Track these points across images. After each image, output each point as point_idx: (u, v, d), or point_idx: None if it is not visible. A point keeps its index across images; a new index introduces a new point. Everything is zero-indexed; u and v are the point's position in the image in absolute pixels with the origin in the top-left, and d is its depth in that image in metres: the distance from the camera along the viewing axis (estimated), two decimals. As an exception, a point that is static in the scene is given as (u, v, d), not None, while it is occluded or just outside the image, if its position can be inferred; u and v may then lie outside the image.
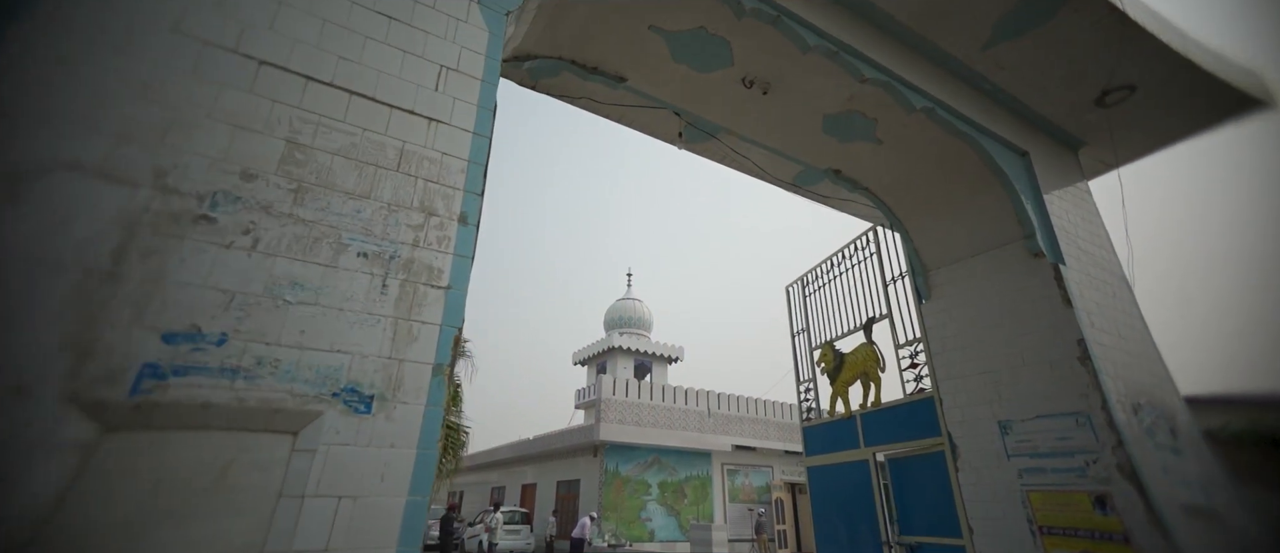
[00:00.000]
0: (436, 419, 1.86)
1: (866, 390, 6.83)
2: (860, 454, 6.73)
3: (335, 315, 1.76)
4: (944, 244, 5.73)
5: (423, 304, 1.96)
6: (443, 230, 2.09)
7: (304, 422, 1.61)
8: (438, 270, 2.04)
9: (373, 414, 1.74)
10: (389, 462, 1.73)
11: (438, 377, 1.91)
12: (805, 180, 6.41)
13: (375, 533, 1.62)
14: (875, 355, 6.77)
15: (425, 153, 2.14)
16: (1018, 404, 4.70)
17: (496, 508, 15.57)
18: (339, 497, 1.59)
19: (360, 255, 1.88)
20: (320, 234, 1.81)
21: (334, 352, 1.73)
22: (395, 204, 2.02)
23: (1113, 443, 3.69)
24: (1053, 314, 4.51)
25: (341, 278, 1.82)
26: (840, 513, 6.96)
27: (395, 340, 1.87)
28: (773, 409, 22.20)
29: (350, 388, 1.72)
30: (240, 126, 1.72)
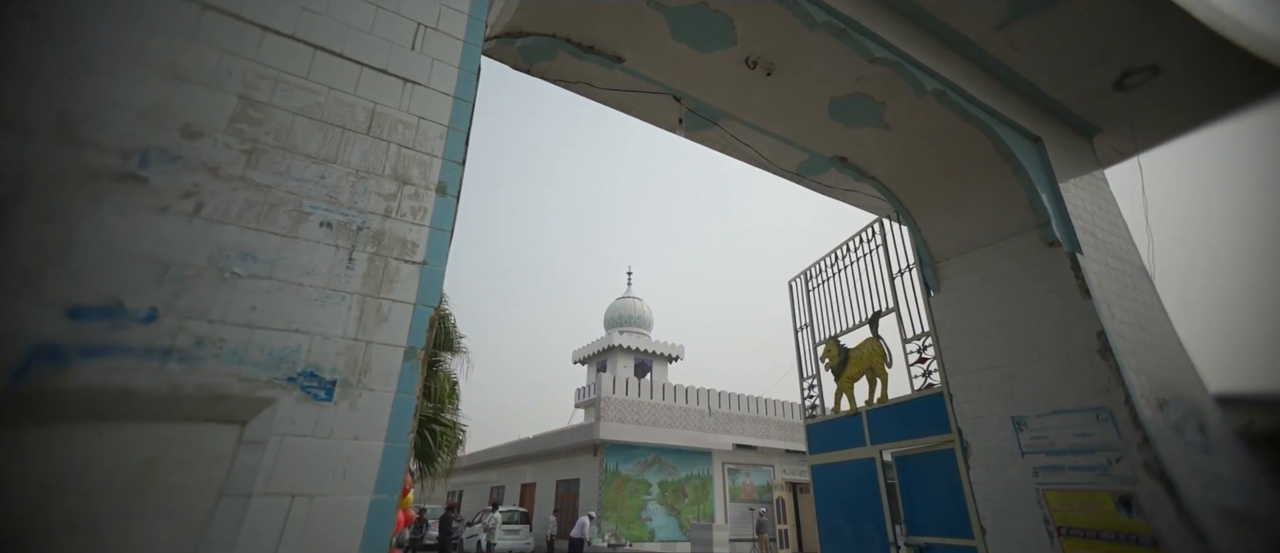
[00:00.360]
0: (407, 409, 1.66)
1: (872, 387, 6.63)
2: (866, 452, 6.54)
3: (293, 291, 1.56)
4: (953, 234, 5.53)
5: (394, 281, 1.77)
6: (418, 201, 1.89)
7: (254, 410, 1.41)
8: (412, 244, 1.84)
9: (335, 402, 1.54)
10: (352, 456, 1.53)
11: (410, 361, 1.71)
12: (810, 170, 6.21)
13: (334, 536, 1.42)
14: (881, 350, 6.57)
15: (399, 116, 1.94)
16: (1032, 399, 4.50)
17: (495, 507, 15.38)
18: (292, 495, 1.39)
19: (324, 226, 1.68)
20: (278, 201, 1.61)
21: (291, 332, 1.53)
22: (365, 171, 1.82)
23: (1138, 441, 3.49)
24: (1070, 305, 4.30)
25: (302, 250, 1.62)
26: (845, 513, 6.76)
27: (362, 320, 1.67)
28: (774, 408, 22.01)
29: (309, 373, 1.52)
30: (180, 77, 1.52)
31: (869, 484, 6.43)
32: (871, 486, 6.38)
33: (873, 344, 6.69)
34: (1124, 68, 4.42)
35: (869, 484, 6.43)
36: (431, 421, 7.97)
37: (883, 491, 6.21)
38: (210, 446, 1.31)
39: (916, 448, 5.91)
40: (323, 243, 1.66)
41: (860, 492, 6.55)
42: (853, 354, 7.00)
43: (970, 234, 5.35)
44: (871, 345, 6.70)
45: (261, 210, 1.56)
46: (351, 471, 1.51)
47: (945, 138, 5.01)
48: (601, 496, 17.35)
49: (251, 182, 1.57)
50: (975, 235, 5.31)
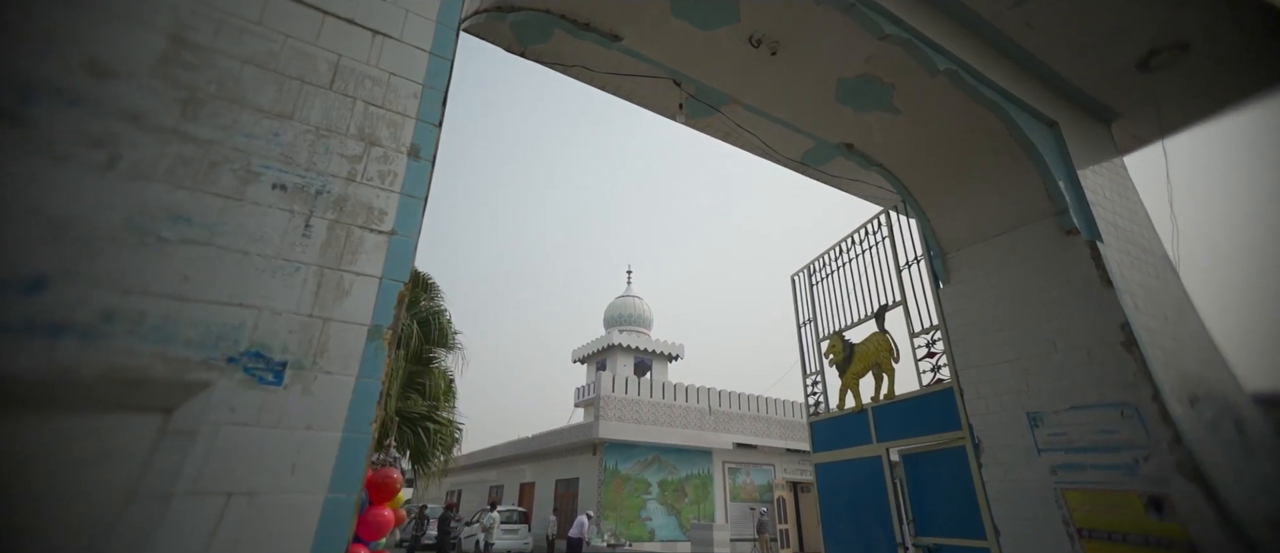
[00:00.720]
0: (370, 395, 1.46)
1: (879, 382, 6.42)
2: (872, 450, 6.33)
3: (237, 260, 1.36)
4: (964, 223, 5.32)
5: (358, 251, 1.56)
6: (387, 164, 1.69)
7: (182, 396, 1.21)
8: (379, 211, 1.63)
9: (285, 386, 1.34)
10: (304, 447, 1.33)
11: (375, 342, 1.51)
12: (815, 159, 6.01)
13: (279, 541, 1.22)
14: (888, 345, 6.37)
15: (367, 71, 1.74)
16: (1049, 395, 4.29)
17: (493, 507, 15.18)
18: (229, 494, 1.19)
19: (277, 188, 1.47)
20: (221, 158, 1.41)
21: (233, 306, 1.32)
22: (326, 129, 1.61)
23: (1168, 439, 3.27)
24: (1090, 296, 4.10)
25: (249, 213, 1.42)
26: (851, 513, 6.56)
27: (320, 295, 1.46)
28: (774, 407, 21.81)
29: (254, 352, 1.32)
30: (81, 4, 1.30)
31: (875, 483, 6.23)
32: (878, 484, 6.18)
33: (879, 339, 6.49)
34: (1150, 46, 4.20)
35: (875, 483, 6.23)
36: (426, 419, 7.78)
37: (890, 489, 6.01)
38: (117, 439, 1.10)
39: (925, 446, 5.71)
40: (275, 207, 1.45)
41: (866, 491, 6.35)
42: (858, 350, 6.79)
43: (982, 223, 5.15)
44: (878, 340, 6.50)
45: (200, 168, 1.36)
46: (303, 464, 1.31)
47: (956, 122, 4.80)
48: (601, 495, 17.15)
49: (187, 135, 1.36)
50: (987, 225, 5.10)
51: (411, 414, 7.67)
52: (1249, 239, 7.10)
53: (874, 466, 6.30)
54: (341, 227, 1.56)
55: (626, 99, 5.41)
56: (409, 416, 7.65)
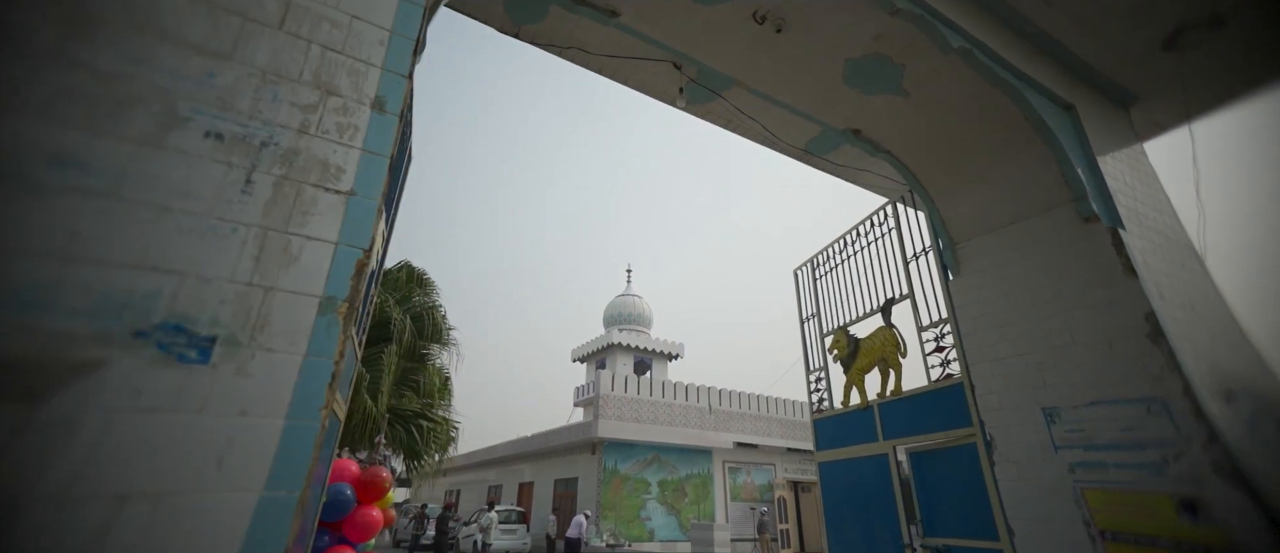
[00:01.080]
0: (321, 376, 1.24)
1: (885, 378, 6.21)
2: (878, 448, 6.12)
3: (154, 216, 1.14)
4: (975, 212, 5.11)
5: (310, 213, 1.35)
6: (347, 116, 1.47)
7: (56, 379, 0.99)
8: (336, 168, 1.42)
9: (212, 365, 1.13)
10: (235, 438, 1.11)
11: (327, 316, 1.29)
12: (820, 146, 5.79)
13: (196, 550, 1.00)
14: (895, 339, 6.15)
15: (325, 12, 1.52)
16: (1067, 389, 4.07)
17: (491, 507, 14.96)
18: (123, 497, 0.97)
19: (210, 136, 1.26)
20: (134, 96, 1.19)
21: (145, 269, 1.11)
22: (274, 74, 1.40)
23: (1203, 437, 3.05)
24: (1111, 285, 3.88)
25: (173, 163, 1.20)
26: (856, 512, 6.35)
27: (262, 260, 1.25)
28: (775, 406, 21.59)
29: (173, 325, 1.10)
30: None
31: (881, 482, 6.02)
32: (884, 483, 5.97)
33: (885, 333, 6.27)
34: (1178, 23, 3.97)
35: (881, 482, 6.02)
36: (419, 416, 7.56)
37: (897, 488, 5.80)
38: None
39: (934, 443, 5.49)
40: (208, 158, 1.24)
41: (872, 490, 6.14)
42: (863, 344, 6.58)
43: (994, 212, 4.93)
44: (884, 335, 6.29)
45: (103, 106, 1.14)
46: (233, 458, 1.10)
47: (968, 106, 4.59)
48: (600, 495, 16.93)
49: (82, 64, 1.14)
50: (999, 213, 4.88)
51: (404, 412, 7.46)
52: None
53: (880, 463, 6.09)
54: (291, 184, 1.34)
55: (625, 83, 5.20)
56: (402, 413, 7.43)
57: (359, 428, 6.51)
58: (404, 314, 7.56)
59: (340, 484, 4.95)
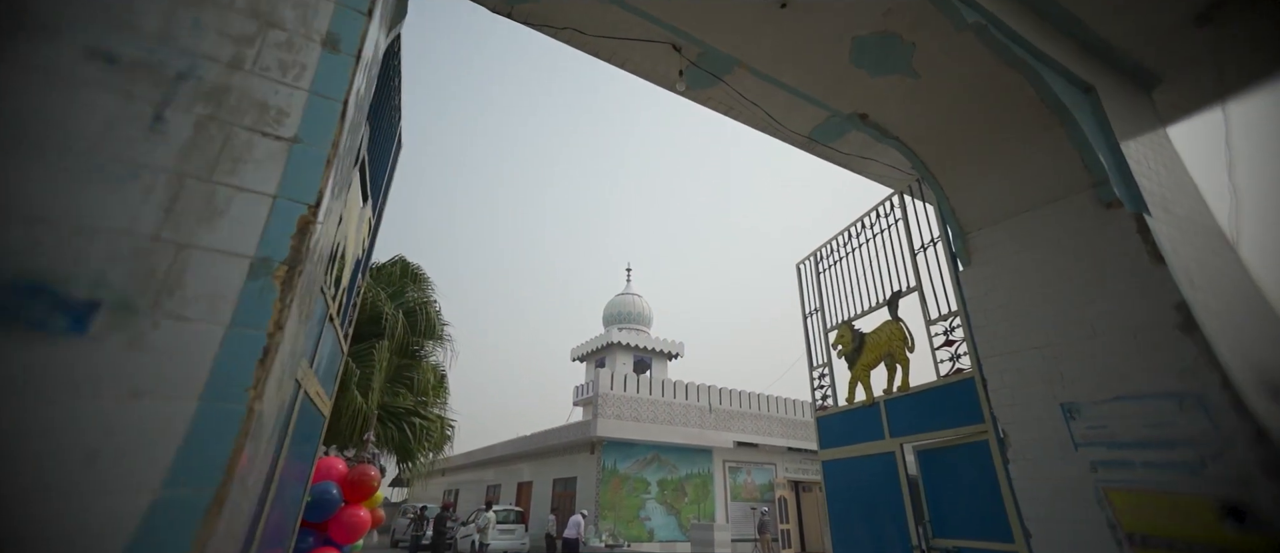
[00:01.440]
0: (251, 352, 1.02)
1: (892, 374, 5.99)
2: (885, 446, 5.90)
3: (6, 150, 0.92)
4: (988, 200, 4.88)
5: (243, 160, 1.13)
6: (292, 53, 1.25)
7: None
8: (276, 111, 1.20)
9: (92, 336, 0.90)
10: (120, 425, 0.89)
11: (262, 280, 1.07)
12: (825, 133, 5.57)
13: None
14: (902, 334, 5.93)
15: (265, -72, 1.30)
16: (1087, 383, 3.85)
17: (488, 506, 14.72)
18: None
19: (100, 58, 1.04)
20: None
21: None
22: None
23: (1246, 435, 2.82)
24: (1136, 274, 3.65)
25: (46, 89, 0.98)
26: (861, 512, 6.13)
27: (174, 211, 1.03)
28: (776, 405, 21.36)
29: (28, 286, 0.87)
30: None
31: (888, 481, 5.79)
32: (891, 482, 5.74)
33: (892, 327, 6.05)
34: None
35: (888, 481, 5.79)
36: (412, 414, 7.33)
37: (904, 488, 5.58)
38: None
39: (943, 440, 5.27)
40: (97, 85, 1.01)
41: (878, 489, 5.91)
42: (869, 339, 6.36)
43: (1007, 200, 4.71)
44: (891, 329, 6.06)
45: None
46: (115, 450, 0.87)
47: (981, 87, 4.37)
48: (599, 494, 16.70)
49: None
50: (1013, 201, 4.66)
51: (397, 409, 7.23)
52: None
53: (887, 462, 5.87)
54: (218, 125, 1.12)
55: (622, 67, 4.98)
56: (395, 411, 7.20)
57: (349, 425, 6.28)
58: (397, 309, 7.33)
59: (326, 484, 4.72)
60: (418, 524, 18.21)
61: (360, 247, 4.13)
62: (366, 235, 4.50)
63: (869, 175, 6.37)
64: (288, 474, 3.28)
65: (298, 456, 3.50)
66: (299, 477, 3.71)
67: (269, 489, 2.28)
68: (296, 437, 3.23)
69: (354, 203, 3.55)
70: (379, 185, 4.91)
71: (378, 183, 4.78)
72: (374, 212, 4.78)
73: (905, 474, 5.63)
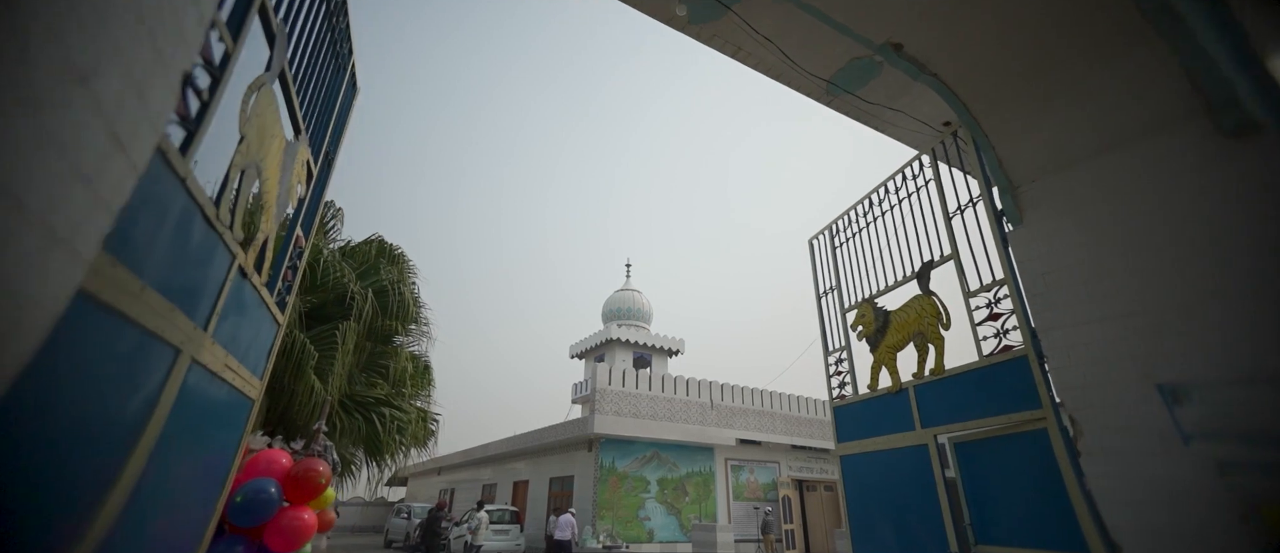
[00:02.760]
0: None
1: (923, 356, 5.14)
2: (915, 437, 5.05)
3: None
4: (1048, 144, 4.05)
5: None
6: None
7: None
8: None
9: None
10: None
11: None
12: (848, 78, 4.74)
13: None
14: (935, 309, 5.09)
15: None
16: (1202, 360, 2.98)
17: (480, 506, 13.86)
18: None
19: None
20: None
21: None
22: None
23: None
24: (1269, 214, 2.81)
25: None
26: (888, 513, 5.27)
27: None
28: (779, 401, 20.49)
29: None
30: None
31: (919, 478, 4.94)
32: (923, 479, 4.89)
33: (923, 302, 5.21)
34: None
35: (919, 478, 4.94)
36: (383, 404, 6.50)
37: (940, 485, 4.73)
38: None
39: (986, 430, 4.42)
40: None
41: (907, 487, 5.06)
42: (895, 318, 5.51)
43: (1074, 142, 3.87)
44: (921, 304, 5.22)
45: None
46: None
47: (1042, 1, 3.53)
48: (597, 493, 15.83)
49: None
50: (1083, 142, 3.82)
51: (366, 399, 6.39)
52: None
53: (917, 456, 5.02)
54: None
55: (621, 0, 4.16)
56: (363, 400, 6.37)
57: (313, 415, 5.46)
58: (366, 289, 6.50)
59: (261, 481, 3.87)
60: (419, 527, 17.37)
61: (290, 191, 3.30)
62: (302, 180, 3.67)
63: (894, 135, 5.54)
64: (181, 470, 2.42)
65: (200, 446, 2.64)
66: (207, 473, 2.87)
67: (112, 490, 1.56)
68: (191, 423, 2.38)
69: (271, 123, 2.72)
70: (323, 125, 4.09)
71: (320, 121, 3.96)
72: (316, 156, 3.96)
73: (940, 470, 4.78)
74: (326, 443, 4.56)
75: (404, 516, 21.22)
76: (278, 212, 3.11)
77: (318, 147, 4.02)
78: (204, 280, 2.13)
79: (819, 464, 19.94)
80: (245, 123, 2.29)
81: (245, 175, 2.39)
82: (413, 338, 8.86)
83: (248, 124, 2.31)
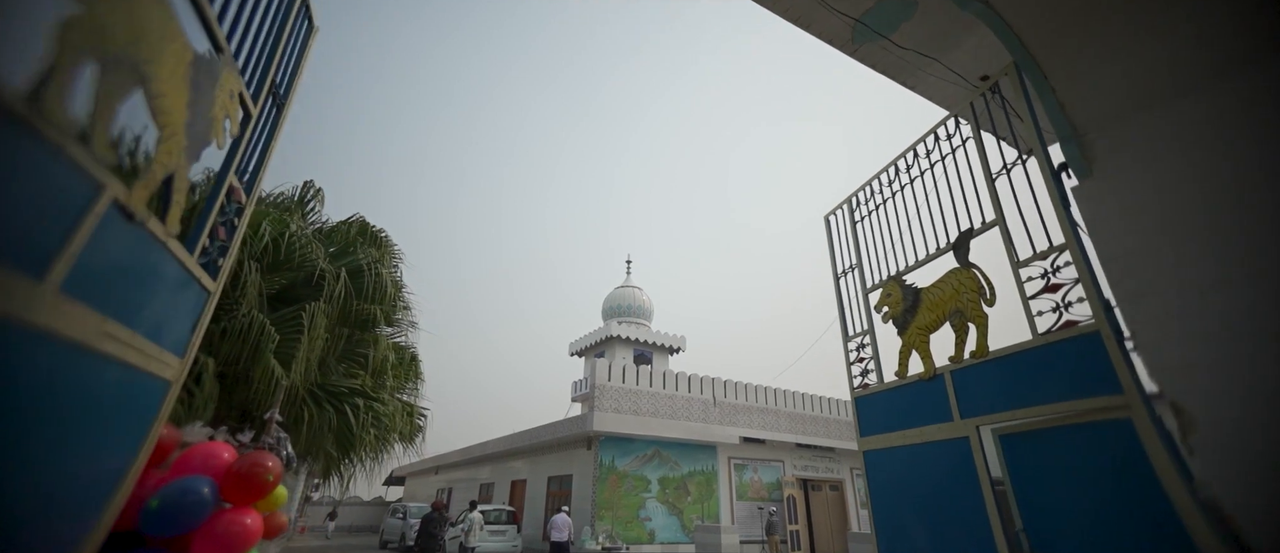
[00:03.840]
0: None
1: (961, 337, 4.45)
2: (953, 429, 4.35)
3: None
4: (1123, 83, 3.36)
5: None
6: None
7: None
8: None
9: None
10: None
11: None
12: (879, 19, 4.06)
13: None
14: (976, 282, 4.39)
15: None
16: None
17: (473, 506, 13.15)
18: None
19: None
20: None
21: None
22: None
23: None
24: None
25: None
26: (920, 515, 4.57)
27: None
28: (784, 398, 19.76)
29: None
30: None
31: (959, 475, 4.24)
32: (964, 478, 4.19)
33: (962, 276, 4.51)
34: None
35: (959, 475, 4.24)
36: (356, 394, 5.80)
37: (985, 485, 4.03)
38: None
39: (1042, 420, 3.72)
40: None
41: (945, 486, 4.36)
42: (928, 296, 4.82)
43: (1158, 76, 3.19)
44: (959, 278, 4.52)
45: None
46: None
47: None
48: (596, 493, 15.10)
49: None
50: (1169, 78, 3.14)
51: (337, 388, 5.71)
52: None
53: (956, 451, 4.32)
54: None
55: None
56: (334, 390, 5.68)
57: (268, 403, 4.77)
58: (339, 269, 5.82)
59: (189, 481, 3.16)
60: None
61: (213, 126, 2.62)
62: (232, 116, 2.99)
63: (924, 92, 4.86)
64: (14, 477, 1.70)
65: (63, 440, 1.92)
66: (85, 475, 2.18)
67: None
68: (26, 406, 1.67)
69: (156, 15, 2.03)
70: (264, 55, 3.43)
71: (261, 51, 3.29)
72: (257, 92, 3.29)
73: (986, 466, 4.08)
74: (281, 435, 3.86)
75: (400, 516, 20.49)
76: (190, 146, 2.40)
77: (259, 82, 3.31)
78: (40, 209, 1.44)
79: (824, 463, 19.20)
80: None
81: (107, 72, 1.70)
82: (398, 328, 8.19)
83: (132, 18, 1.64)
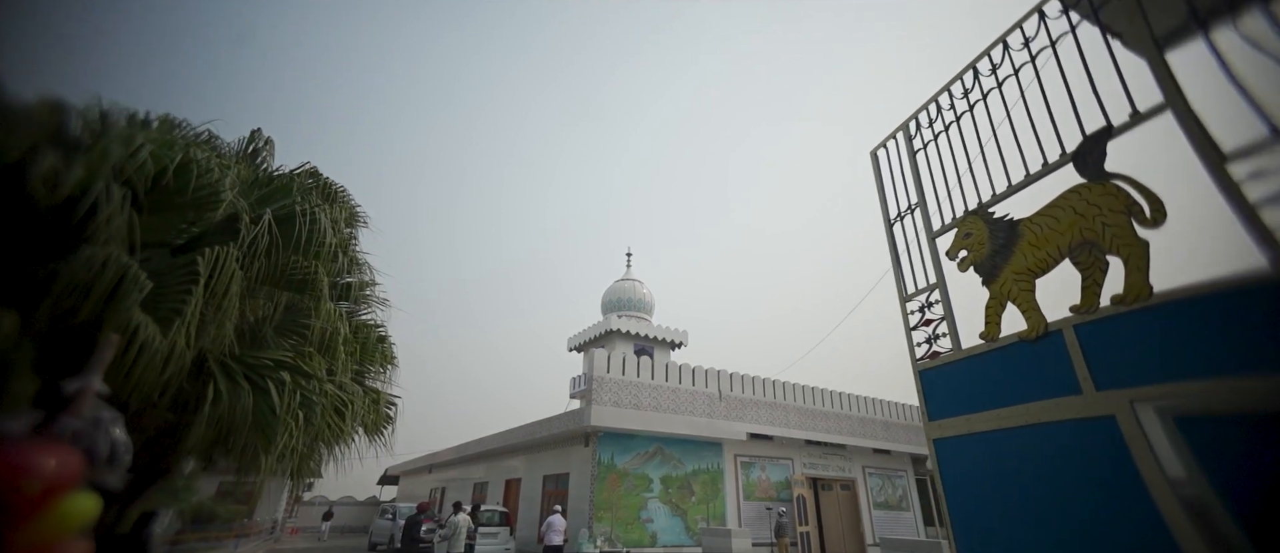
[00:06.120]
0: None
1: (1092, 279, 3.12)
2: (1086, 406, 3.00)
3: None
4: None
5: None
6: None
7: None
8: None
9: None
10: None
11: None
12: None
13: None
14: (1121, 198, 3.06)
15: None
16: None
17: (458, 509, 11.77)
18: None
19: None
20: None
21: None
22: None
23: None
24: None
25: None
26: (1029, 529, 3.22)
27: None
28: (792, 393, 18.39)
29: None
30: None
31: (1098, 472, 2.89)
32: (1108, 475, 2.84)
33: (1094, 193, 3.18)
34: None
35: (1098, 472, 2.89)
36: (282, 367, 4.47)
37: (1163, 490, 2.68)
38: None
39: (1254, 395, 2.40)
40: None
41: (1069, 487, 3.01)
42: (1031, 227, 3.49)
43: None
44: (1091, 196, 3.19)
45: None
46: None
47: None
48: (594, 492, 13.73)
49: None
50: None
51: (258, 361, 4.37)
52: None
53: (1091, 436, 2.97)
54: None
55: None
56: (252, 363, 4.34)
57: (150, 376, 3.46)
58: (261, 208, 4.49)
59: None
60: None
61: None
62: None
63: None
64: None
65: None
66: None
67: None
68: None
69: None
70: None
71: None
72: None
73: (1156, 460, 2.73)
74: (102, 414, 2.49)
75: (389, 516, 19.12)
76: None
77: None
78: None
79: (835, 461, 17.81)
80: None
81: None
82: (364, 304, 6.87)
83: None
